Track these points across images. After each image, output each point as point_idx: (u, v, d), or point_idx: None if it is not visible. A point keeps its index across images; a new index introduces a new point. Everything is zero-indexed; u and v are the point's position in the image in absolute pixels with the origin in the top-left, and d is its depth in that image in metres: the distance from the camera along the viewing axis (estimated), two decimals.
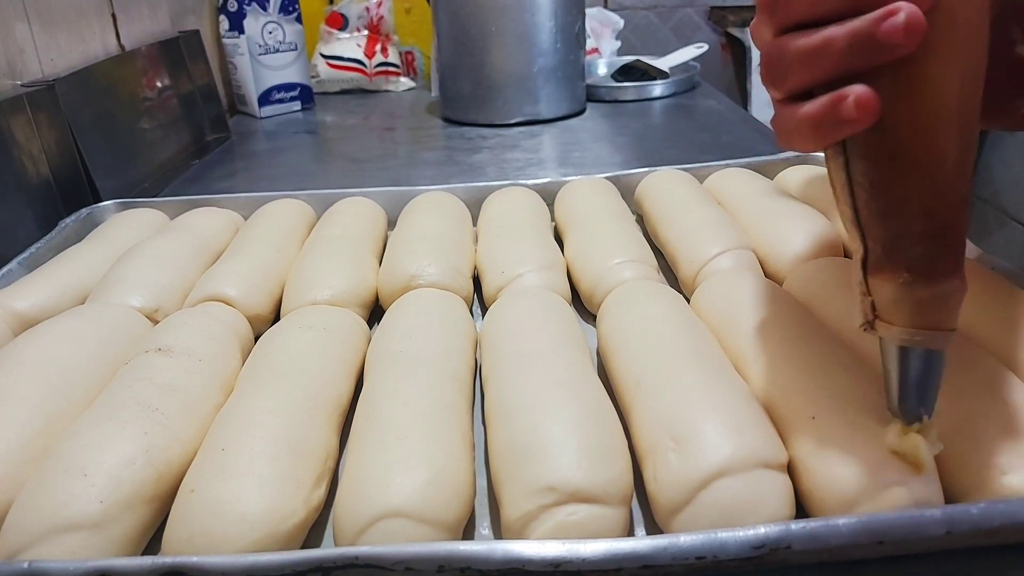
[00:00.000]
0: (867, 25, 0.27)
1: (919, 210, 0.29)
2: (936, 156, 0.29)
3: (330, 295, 0.53)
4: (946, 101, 0.28)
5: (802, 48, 0.28)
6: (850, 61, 0.28)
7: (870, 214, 0.30)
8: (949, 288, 0.30)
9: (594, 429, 0.36)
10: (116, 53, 0.96)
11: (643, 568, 0.30)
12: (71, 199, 0.76)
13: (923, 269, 0.30)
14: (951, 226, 0.30)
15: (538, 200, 0.68)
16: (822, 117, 0.28)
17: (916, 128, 0.28)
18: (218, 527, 0.32)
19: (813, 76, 0.29)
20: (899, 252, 0.30)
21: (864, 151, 0.29)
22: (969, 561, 0.33)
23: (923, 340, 0.31)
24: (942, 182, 0.29)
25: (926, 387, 0.32)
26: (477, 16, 1.07)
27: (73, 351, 0.44)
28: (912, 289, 0.30)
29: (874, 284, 0.31)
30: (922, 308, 0.30)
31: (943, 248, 0.30)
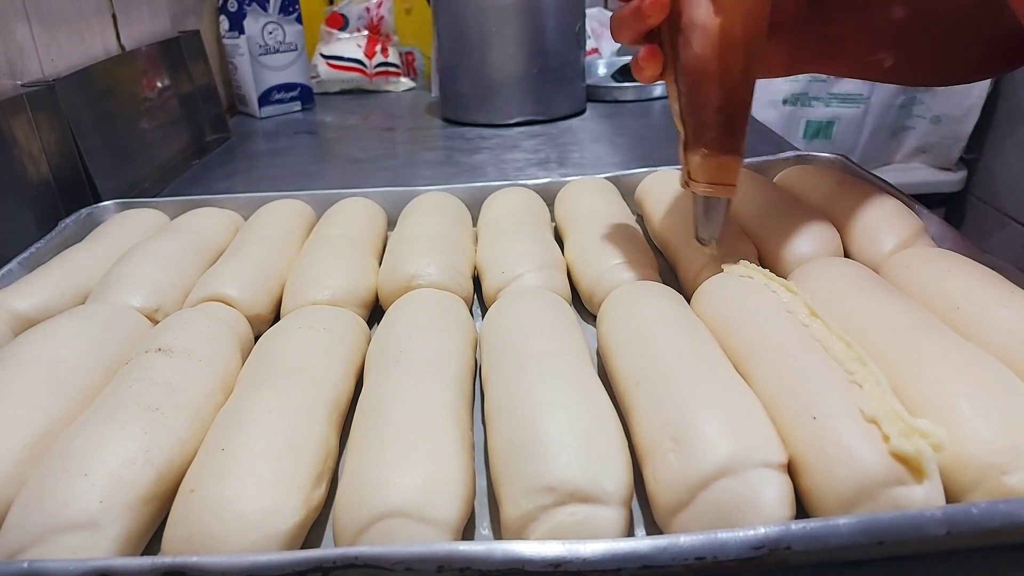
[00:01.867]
0: None
1: (714, 107, 0.45)
2: (725, 72, 0.44)
3: (330, 295, 0.53)
4: (733, 34, 0.44)
5: None
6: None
7: (686, 111, 0.46)
8: (731, 159, 0.47)
9: (594, 429, 0.36)
10: (116, 53, 0.96)
11: (643, 568, 0.30)
12: (71, 199, 0.76)
13: (715, 145, 0.46)
14: (735, 118, 0.46)
15: (538, 200, 0.68)
16: (633, 10, 0.45)
17: (711, 54, 0.44)
18: (218, 527, 0.32)
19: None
20: (701, 135, 0.46)
21: (682, 69, 0.46)
22: (969, 561, 0.33)
23: (715, 192, 0.48)
24: (730, 89, 0.45)
25: (715, 221, 0.49)
26: (477, 16, 1.07)
27: (73, 351, 0.44)
28: (707, 159, 0.47)
29: (688, 157, 0.48)
30: (714, 170, 0.47)
31: (729, 132, 0.46)
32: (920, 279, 0.48)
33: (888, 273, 0.51)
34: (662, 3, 0.44)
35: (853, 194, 0.61)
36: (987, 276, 0.46)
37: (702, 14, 0.44)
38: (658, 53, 0.47)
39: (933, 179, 1.72)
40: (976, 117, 1.62)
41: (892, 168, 1.74)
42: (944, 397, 0.35)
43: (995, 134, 1.66)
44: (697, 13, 0.44)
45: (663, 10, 0.44)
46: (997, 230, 1.64)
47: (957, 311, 0.44)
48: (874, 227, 0.56)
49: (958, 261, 0.49)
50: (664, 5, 0.44)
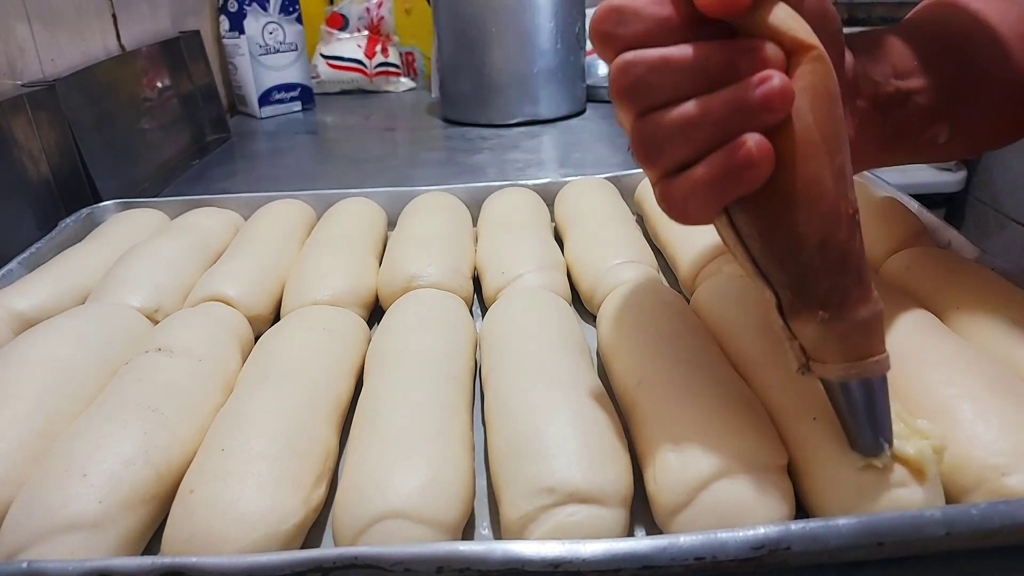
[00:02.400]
0: (744, 92, 0.27)
1: (813, 245, 0.29)
2: (813, 187, 0.29)
3: (330, 295, 0.53)
4: (810, 134, 0.28)
5: (678, 121, 0.28)
6: (728, 128, 0.28)
7: (768, 262, 0.30)
8: (866, 314, 0.30)
9: (594, 430, 0.36)
10: (116, 53, 0.96)
11: (643, 568, 0.30)
12: (71, 199, 0.76)
13: (836, 302, 0.30)
14: (848, 252, 0.30)
15: (538, 200, 0.68)
16: (720, 173, 0.28)
17: (789, 165, 0.28)
18: (218, 527, 0.32)
19: (692, 148, 0.28)
20: (808, 291, 0.30)
21: (744, 202, 0.30)
22: (969, 562, 0.33)
23: (858, 372, 0.31)
24: (826, 211, 0.29)
25: (876, 416, 0.31)
26: (477, 17, 1.07)
27: (73, 351, 0.44)
28: (832, 325, 0.30)
29: (796, 328, 0.31)
30: (847, 341, 0.30)
31: (848, 276, 0.30)
32: (920, 279, 0.48)
33: (888, 273, 0.51)
34: (770, 152, 0.28)
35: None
36: (987, 277, 0.46)
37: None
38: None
39: (933, 179, 1.72)
40: None
41: (892, 168, 1.74)
42: (944, 399, 0.35)
43: None
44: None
45: (772, 160, 0.28)
46: (997, 230, 1.64)
47: (957, 312, 0.44)
48: (874, 227, 0.56)
49: (958, 261, 0.49)
50: (773, 155, 0.28)
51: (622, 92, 0.29)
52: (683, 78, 0.28)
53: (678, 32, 0.28)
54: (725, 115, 0.28)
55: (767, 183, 0.29)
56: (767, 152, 0.28)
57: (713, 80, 0.28)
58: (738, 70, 0.27)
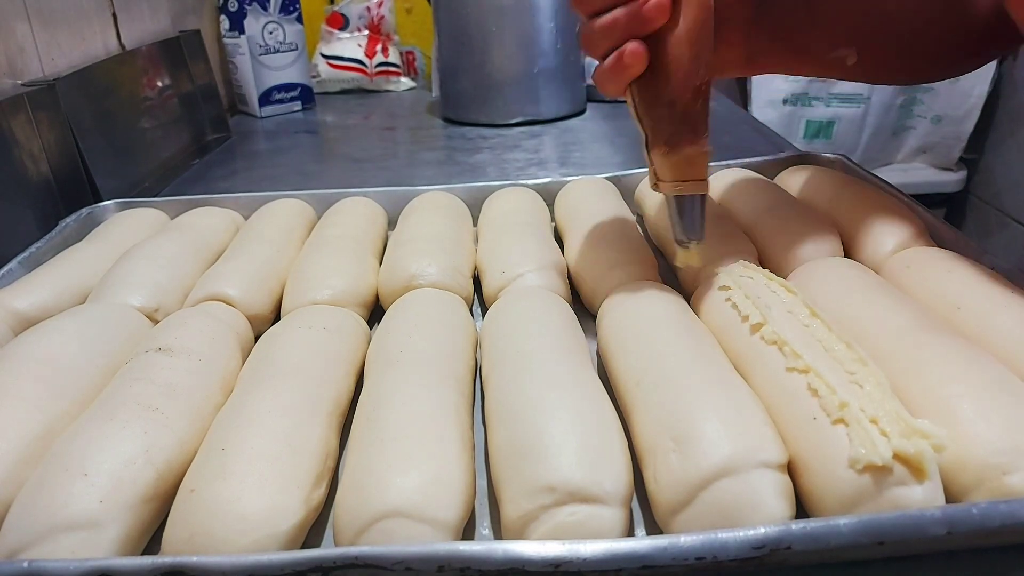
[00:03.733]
0: (637, 6, 0.42)
1: (665, 102, 0.44)
2: (675, 66, 0.43)
3: (330, 295, 0.53)
4: (678, 38, 0.43)
5: (600, 26, 0.43)
6: (630, 30, 0.43)
7: (640, 111, 0.45)
8: (692, 152, 0.45)
9: (594, 429, 0.36)
10: (117, 53, 0.96)
11: (643, 568, 0.30)
12: (71, 199, 0.76)
13: (673, 141, 0.45)
14: (688, 111, 0.44)
15: (538, 200, 0.68)
16: (614, 65, 0.44)
17: (661, 55, 0.43)
18: (218, 527, 0.32)
19: (610, 43, 0.44)
20: (659, 132, 0.45)
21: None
22: (970, 562, 0.33)
23: (683, 188, 0.46)
24: (679, 81, 0.43)
25: (692, 220, 0.47)
26: (478, 16, 1.07)
27: (73, 351, 0.44)
28: (669, 156, 0.45)
29: (652, 157, 0.46)
30: (678, 167, 0.46)
31: (685, 125, 0.44)
32: (920, 279, 0.48)
33: (888, 273, 0.51)
34: (641, 56, 0.43)
35: (853, 194, 0.61)
36: (987, 276, 0.46)
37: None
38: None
39: (933, 179, 1.72)
40: (977, 117, 1.62)
41: (892, 168, 1.74)
42: (945, 398, 0.35)
43: (996, 134, 1.66)
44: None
45: (642, 62, 0.43)
46: (997, 230, 1.64)
47: (957, 311, 0.44)
48: (874, 227, 0.56)
49: (959, 261, 0.49)
50: (644, 58, 0.43)
51: (577, 4, 0.45)
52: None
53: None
54: (624, 22, 0.43)
55: (650, 62, 0.44)
56: (643, 53, 0.43)
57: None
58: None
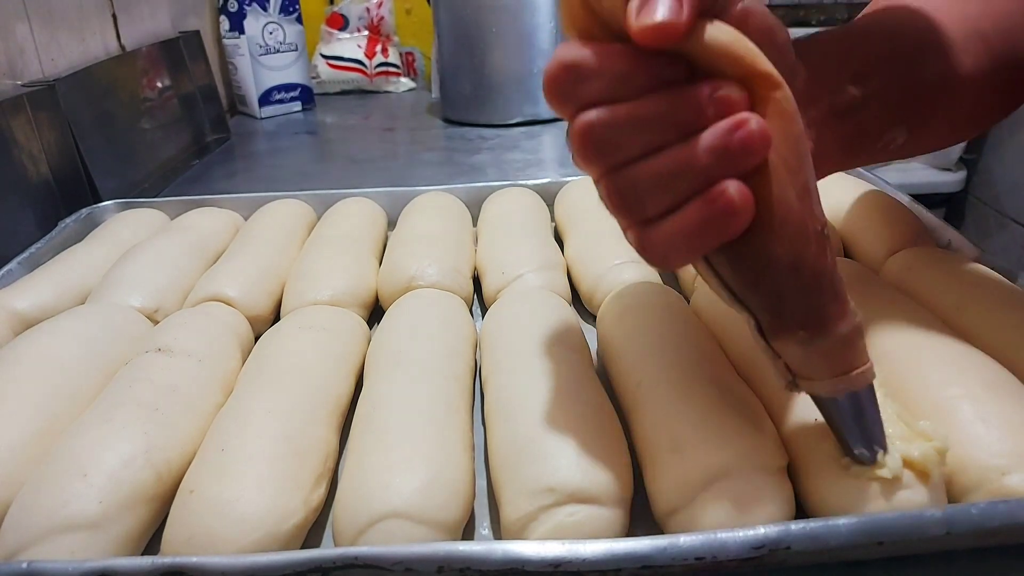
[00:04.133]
0: (722, 138, 0.27)
1: (785, 267, 0.29)
2: (780, 211, 0.28)
3: (330, 295, 0.53)
4: (777, 163, 0.28)
5: (655, 173, 0.28)
6: (707, 175, 0.27)
7: (742, 288, 0.30)
8: (846, 329, 0.30)
9: (594, 430, 0.36)
10: (116, 53, 0.96)
11: (643, 568, 0.30)
12: (71, 199, 0.76)
13: (814, 321, 0.30)
14: (820, 270, 0.30)
15: (538, 200, 0.68)
16: (701, 222, 0.28)
17: (757, 196, 0.28)
18: (218, 527, 0.32)
19: (672, 198, 0.28)
20: (785, 313, 0.30)
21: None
22: (969, 562, 0.33)
23: (845, 386, 0.31)
24: (794, 231, 0.28)
25: (868, 425, 0.32)
26: (477, 17, 1.07)
27: (73, 351, 0.44)
28: (813, 344, 0.30)
29: (778, 348, 0.31)
30: (830, 358, 0.31)
31: (823, 294, 0.30)
32: (920, 280, 0.48)
33: (888, 273, 0.51)
34: (751, 197, 0.28)
35: (853, 194, 0.61)
36: (987, 277, 0.46)
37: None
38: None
39: (933, 179, 1.72)
40: None
41: (892, 168, 1.74)
42: (944, 399, 0.35)
43: (995, 134, 1.66)
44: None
45: (752, 205, 0.28)
46: (997, 230, 1.64)
47: (957, 311, 0.44)
48: (874, 227, 0.56)
49: (958, 262, 0.49)
50: (751, 199, 0.28)
51: (590, 151, 0.28)
52: (654, 131, 0.27)
53: (636, 81, 0.27)
54: (705, 163, 0.27)
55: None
56: (748, 199, 0.27)
57: (683, 128, 0.27)
58: (707, 115, 0.27)
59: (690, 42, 0.26)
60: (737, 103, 0.27)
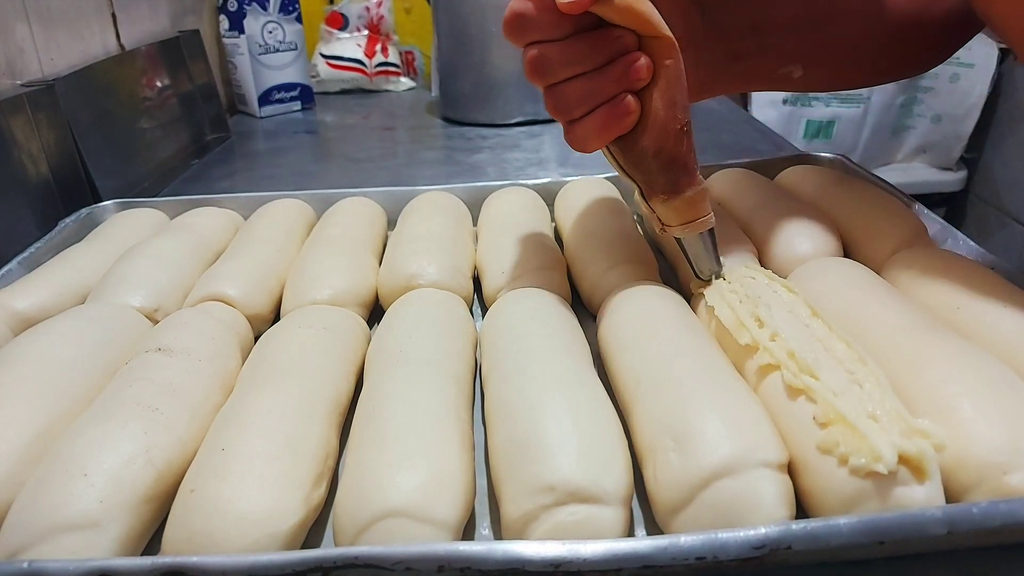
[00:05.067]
0: (624, 69, 0.41)
1: (651, 152, 0.43)
2: (652, 117, 0.42)
3: (330, 295, 0.53)
4: (655, 87, 0.42)
5: (580, 90, 0.42)
6: (613, 91, 0.41)
7: (629, 166, 0.45)
8: (690, 193, 0.45)
9: (594, 429, 0.36)
10: (116, 53, 0.96)
11: (643, 568, 0.30)
12: (71, 199, 0.76)
13: (670, 188, 0.45)
14: (676, 154, 0.44)
15: (538, 200, 0.68)
16: (608, 119, 0.42)
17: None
18: (218, 527, 0.32)
19: (590, 104, 0.42)
20: (652, 182, 0.45)
21: None
22: (969, 561, 0.33)
23: (691, 228, 0.46)
24: (660, 130, 0.43)
25: (708, 255, 0.48)
26: (477, 16, 1.07)
27: (73, 351, 0.44)
28: (670, 202, 0.45)
29: (653, 205, 0.46)
30: (682, 210, 0.46)
31: (676, 171, 0.44)
32: (920, 279, 0.48)
33: (888, 273, 0.51)
34: (636, 106, 0.42)
35: (853, 194, 0.61)
36: (987, 276, 0.46)
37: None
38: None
39: (933, 179, 1.72)
40: (976, 116, 1.62)
41: (892, 168, 1.74)
42: (945, 397, 0.35)
43: (995, 133, 1.66)
44: None
45: (637, 112, 0.42)
46: (997, 230, 1.64)
47: (957, 311, 0.44)
48: (874, 227, 0.56)
49: (958, 261, 0.49)
50: (636, 109, 0.42)
51: (535, 75, 0.42)
52: (577, 63, 0.41)
53: (563, 28, 0.40)
54: (612, 84, 0.41)
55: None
56: (637, 106, 0.42)
57: (596, 61, 0.41)
58: (611, 52, 0.41)
59: (598, 6, 0.39)
60: (630, 44, 0.41)
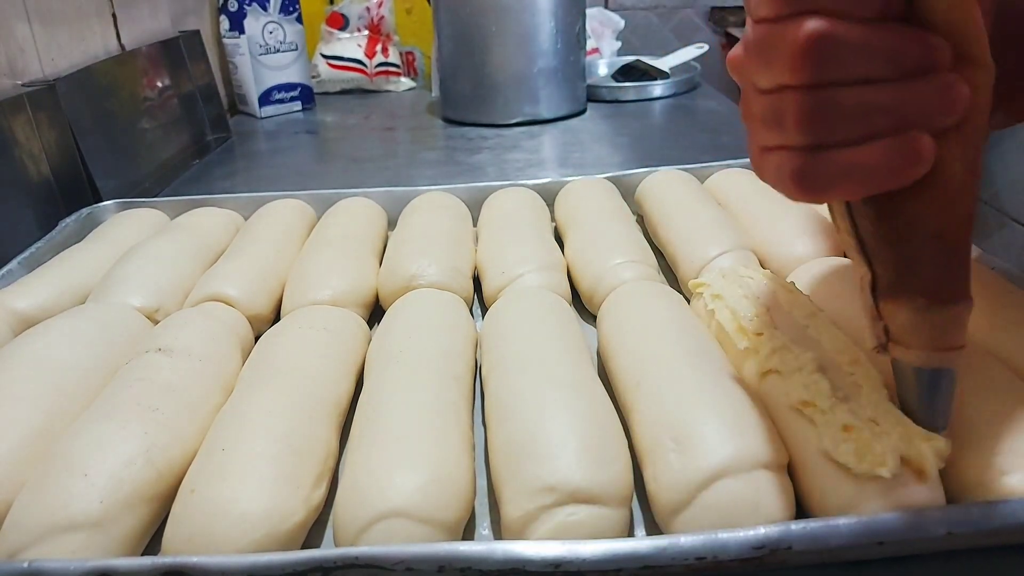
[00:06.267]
0: (934, 90, 0.27)
1: (930, 233, 0.29)
2: (949, 183, 0.28)
3: (330, 295, 0.53)
4: (959, 135, 0.28)
5: (866, 101, 0.27)
6: (906, 120, 0.27)
7: (877, 241, 0.30)
8: (962, 309, 0.30)
9: (594, 429, 0.36)
10: (116, 53, 0.96)
11: (643, 568, 0.30)
12: (71, 199, 0.76)
13: (938, 293, 0.30)
14: (961, 246, 0.30)
15: (538, 200, 0.68)
16: (885, 161, 0.27)
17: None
18: (218, 527, 0.32)
19: (866, 130, 0.27)
20: (912, 277, 0.30)
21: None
22: (969, 562, 0.33)
23: (940, 361, 0.31)
24: (951, 202, 0.29)
25: (941, 402, 0.32)
26: (478, 16, 1.07)
27: (73, 351, 0.44)
28: (928, 314, 0.30)
29: (886, 309, 0.31)
30: (938, 331, 0.31)
31: (955, 270, 0.30)
32: None
33: None
34: (932, 154, 0.28)
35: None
36: (987, 277, 0.46)
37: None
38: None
39: None
40: None
41: None
42: None
43: (995, 134, 1.65)
44: None
45: (931, 162, 0.28)
46: (997, 230, 1.64)
47: None
48: None
49: None
50: (933, 157, 0.28)
51: (808, 59, 0.26)
52: (878, 61, 0.27)
53: (872, 3, 0.26)
54: (911, 108, 0.27)
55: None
56: (932, 152, 0.27)
57: (901, 67, 0.27)
58: (924, 66, 0.27)
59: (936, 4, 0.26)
60: (946, 60, 0.27)
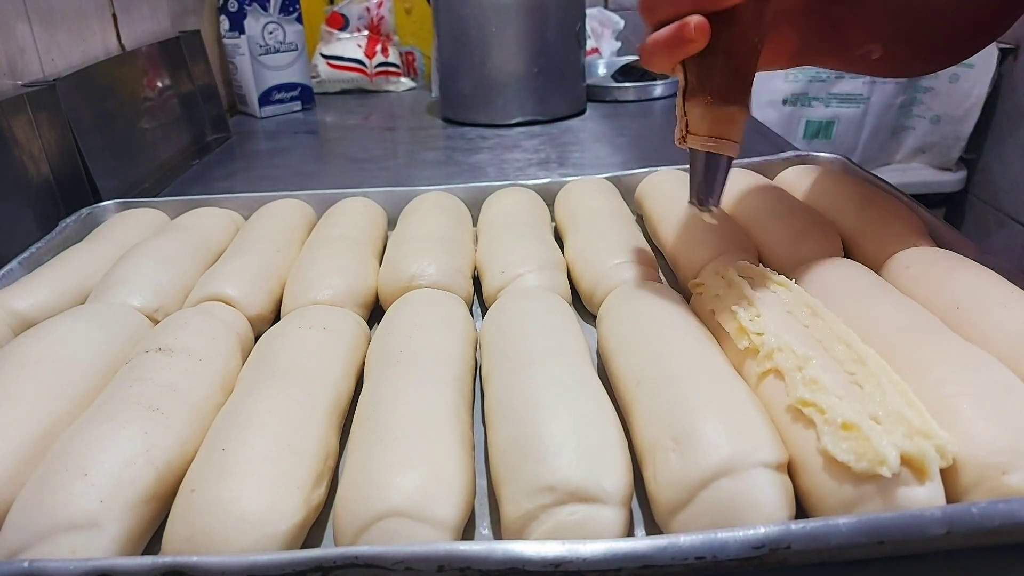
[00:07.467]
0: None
1: (722, 50, 0.42)
2: (736, 17, 0.41)
3: (330, 295, 0.53)
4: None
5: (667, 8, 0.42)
6: (685, 10, 0.42)
7: (691, 57, 0.43)
8: (736, 109, 0.43)
9: (594, 429, 0.36)
10: (117, 53, 0.96)
11: (643, 568, 0.30)
12: (71, 199, 0.76)
13: (720, 93, 0.43)
14: (743, 65, 0.43)
15: (538, 200, 0.68)
16: (671, 38, 0.42)
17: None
18: (218, 527, 0.32)
19: (675, 11, 0.42)
20: (706, 81, 0.43)
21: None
22: (969, 561, 0.33)
23: (716, 147, 0.44)
24: (739, 34, 0.42)
25: (715, 182, 0.45)
26: (477, 16, 1.07)
27: (73, 351, 0.44)
28: (712, 108, 0.43)
29: (688, 108, 0.44)
30: (717, 123, 0.43)
31: (736, 80, 0.43)
32: (920, 279, 0.48)
33: (888, 273, 0.51)
34: (706, 31, 0.41)
35: (853, 194, 0.61)
36: (987, 276, 0.46)
37: None
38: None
39: (933, 179, 1.72)
40: (976, 117, 1.62)
41: (892, 168, 1.74)
42: (944, 397, 0.35)
43: (995, 134, 1.66)
44: None
45: (706, 37, 0.41)
46: (997, 230, 1.64)
47: (957, 311, 0.44)
48: (874, 227, 0.56)
49: (958, 261, 0.49)
50: (708, 33, 0.41)
51: (644, 7, 0.44)
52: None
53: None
54: (688, 6, 0.41)
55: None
56: (704, 28, 0.41)
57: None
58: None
59: None
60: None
